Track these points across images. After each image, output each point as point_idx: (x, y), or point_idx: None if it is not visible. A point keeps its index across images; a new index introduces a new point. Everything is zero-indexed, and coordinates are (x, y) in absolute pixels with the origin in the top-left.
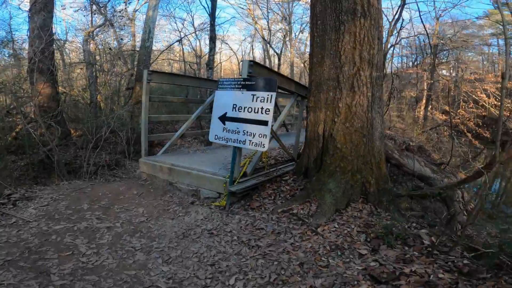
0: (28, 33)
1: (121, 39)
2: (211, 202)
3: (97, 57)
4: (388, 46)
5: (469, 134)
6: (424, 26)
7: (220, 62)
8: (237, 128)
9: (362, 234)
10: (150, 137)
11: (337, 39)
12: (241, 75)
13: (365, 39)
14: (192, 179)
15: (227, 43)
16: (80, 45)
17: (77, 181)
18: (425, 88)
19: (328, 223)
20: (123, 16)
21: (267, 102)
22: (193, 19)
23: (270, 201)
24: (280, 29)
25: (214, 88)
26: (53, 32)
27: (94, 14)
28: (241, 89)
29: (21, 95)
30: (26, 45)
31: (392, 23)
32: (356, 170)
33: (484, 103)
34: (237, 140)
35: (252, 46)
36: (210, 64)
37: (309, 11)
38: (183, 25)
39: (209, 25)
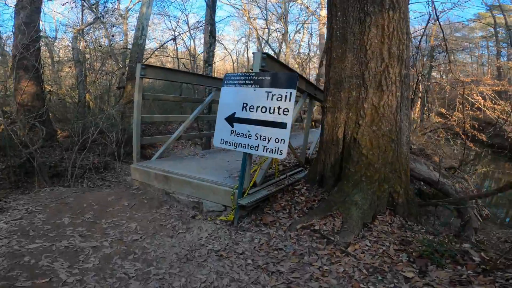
0: (14, 29)
1: (112, 36)
2: (216, 216)
3: (87, 56)
4: None
5: (463, 136)
6: (425, 26)
7: (214, 62)
8: (248, 131)
9: (402, 253)
10: (143, 140)
11: (362, 32)
12: (251, 70)
13: (394, 33)
14: (192, 189)
15: (221, 43)
16: (69, 43)
17: (60, 187)
18: (421, 90)
19: (358, 241)
20: (114, 10)
21: (285, 100)
22: (187, 18)
23: (285, 215)
24: (277, 28)
25: (214, 86)
26: (40, 28)
27: (85, 12)
28: (253, 86)
29: (2, 94)
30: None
31: None
32: (383, 179)
33: (479, 105)
34: (248, 145)
35: (247, 46)
36: (209, 61)
37: (304, 11)
38: (178, 24)
39: (209, 19)
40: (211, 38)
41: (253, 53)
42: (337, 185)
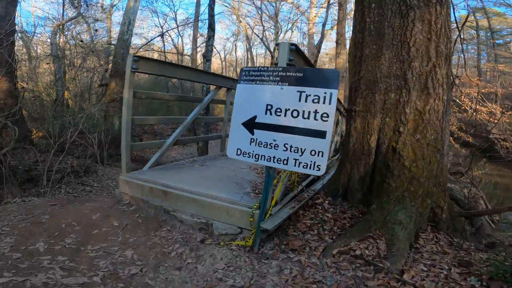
0: None
1: (96, 30)
2: (230, 241)
3: (67, 52)
4: None
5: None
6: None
7: (201, 63)
8: (274, 141)
9: (469, 276)
10: (133, 146)
11: (404, 27)
12: (275, 64)
13: (442, 30)
14: (199, 208)
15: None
16: (48, 39)
17: (33, 198)
18: None
19: (411, 266)
20: (97, 4)
21: (324, 103)
22: (175, 15)
23: (315, 237)
24: (267, 28)
25: (216, 83)
26: (17, 23)
27: (66, 6)
28: (280, 83)
29: None
30: None
31: None
32: (426, 194)
33: (466, 108)
34: (274, 158)
35: (235, 45)
36: (207, 56)
37: (293, 11)
38: (165, 20)
39: (207, 10)
40: (210, 31)
41: (277, 44)
42: (375, 202)
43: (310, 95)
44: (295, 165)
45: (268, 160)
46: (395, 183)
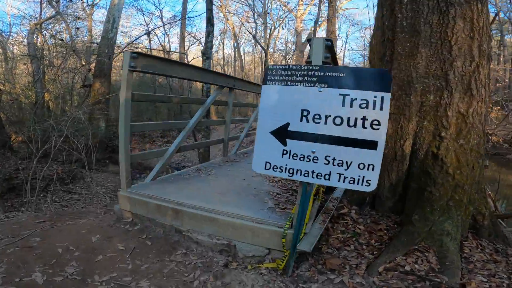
0: None
1: (77, 28)
2: (258, 264)
3: (46, 52)
4: None
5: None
6: None
7: (188, 62)
8: (313, 153)
9: None
10: (133, 157)
11: (444, 25)
12: (307, 61)
13: (484, 28)
14: (219, 228)
15: (198, 40)
16: (25, 39)
17: (18, 213)
18: None
19: (469, 278)
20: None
21: (374, 108)
22: (161, 14)
23: (352, 253)
24: (260, 24)
25: (221, 84)
26: None
27: (44, 5)
28: (317, 84)
29: None
30: None
31: None
32: (469, 201)
33: None
34: (314, 172)
35: (223, 43)
36: (207, 53)
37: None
38: (151, 19)
39: (208, 4)
40: (209, 26)
41: (308, 40)
42: (417, 212)
43: (356, 99)
44: (339, 181)
45: (306, 175)
46: (439, 191)
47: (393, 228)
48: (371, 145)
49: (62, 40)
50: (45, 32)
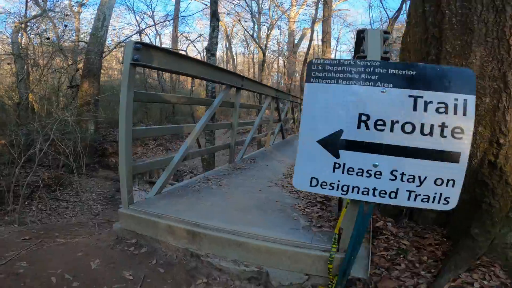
0: None
1: (65, 25)
2: None
3: (30, 52)
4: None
5: None
6: None
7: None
8: (375, 166)
9: None
10: (136, 168)
11: (501, 24)
12: (360, 56)
13: None
14: (246, 253)
15: (191, 41)
16: (9, 38)
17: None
18: None
19: None
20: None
21: (455, 113)
22: (153, 13)
23: (405, 273)
24: (253, 25)
25: (229, 82)
26: None
27: (30, 4)
28: (379, 84)
29: None
30: None
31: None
32: None
33: None
34: (375, 190)
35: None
36: (212, 49)
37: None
38: (142, 19)
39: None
40: (215, 20)
41: (359, 31)
42: (475, 225)
43: (431, 102)
44: (408, 199)
45: (365, 193)
46: (499, 203)
47: (442, 242)
48: (452, 157)
49: (48, 38)
50: (30, 31)
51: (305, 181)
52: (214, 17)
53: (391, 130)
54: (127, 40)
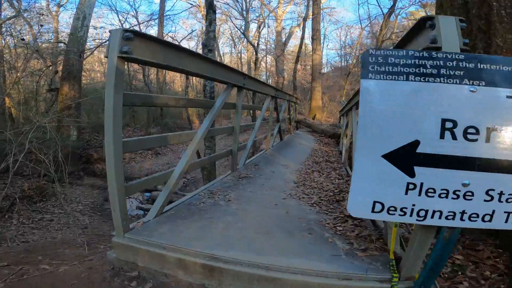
0: None
1: (41, 25)
2: None
3: (6, 55)
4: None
5: None
6: None
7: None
8: (465, 186)
9: None
10: (130, 187)
11: None
12: (429, 47)
13: None
14: None
15: (176, 40)
16: None
17: None
18: None
19: None
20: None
21: None
22: (136, 13)
23: None
24: (242, 25)
25: (232, 81)
26: None
27: (4, 6)
28: (466, 81)
29: None
30: None
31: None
32: None
33: None
34: (464, 213)
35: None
36: (209, 45)
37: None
38: (125, 19)
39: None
40: (211, 13)
41: (425, 18)
42: None
43: None
44: (506, 221)
45: (450, 217)
46: None
47: (500, 254)
48: None
49: (23, 39)
50: (5, 33)
51: (365, 206)
52: (211, 9)
53: (487, 140)
54: (106, 41)
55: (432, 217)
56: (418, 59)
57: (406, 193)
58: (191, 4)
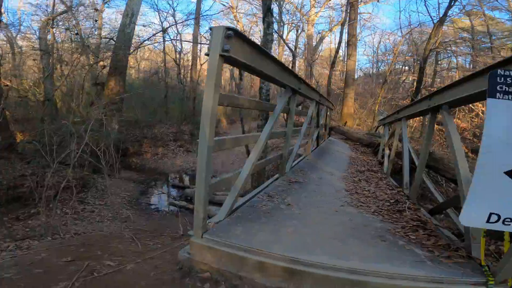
0: None
1: (96, 21)
2: None
3: (56, 46)
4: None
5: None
6: None
7: (201, 64)
8: None
9: None
10: (211, 187)
11: None
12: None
13: None
14: None
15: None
16: (36, 33)
17: (32, 242)
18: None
19: None
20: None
21: None
22: (174, 12)
23: None
24: (288, 22)
25: (292, 85)
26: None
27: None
28: None
29: None
30: None
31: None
32: None
33: (479, 112)
34: None
35: None
36: (267, 47)
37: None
38: (165, 18)
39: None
40: (269, 15)
41: None
42: None
43: None
44: None
45: None
46: None
47: None
48: None
49: (77, 33)
50: (56, 28)
51: (480, 217)
52: (268, 11)
53: None
54: (153, 37)
55: None
56: None
57: None
58: (224, 5)
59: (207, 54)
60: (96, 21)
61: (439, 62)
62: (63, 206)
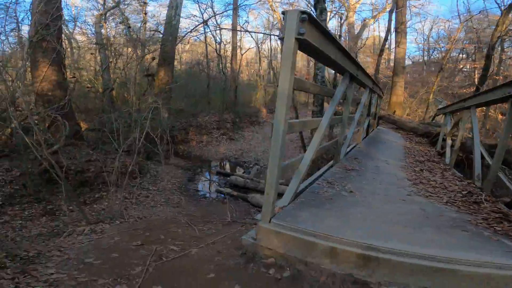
0: (31, 7)
1: (145, 13)
2: None
3: (111, 39)
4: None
5: None
6: None
7: (242, 55)
8: None
9: None
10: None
11: None
12: None
13: None
14: (448, 282)
15: (248, 31)
16: (90, 30)
17: (103, 226)
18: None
19: None
20: None
21: None
22: (212, 3)
23: None
24: (329, 10)
25: (352, 71)
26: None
27: None
28: None
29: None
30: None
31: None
32: None
33: None
34: None
35: (270, 37)
36: None
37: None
38: (205, 9)
39: None
40: (322, 2)
41: None
42: None
43: None
44: None
45: None
46: None
47: None
48: None
49: (129, 27)
50: (108, 23)
51: None
52: None
53: None
54: (195, 29)
55: None
56: None
57: None
58: None
59: (281, 38)
60: (145, 13)
61: (504, 50)
62: (123, 191)
